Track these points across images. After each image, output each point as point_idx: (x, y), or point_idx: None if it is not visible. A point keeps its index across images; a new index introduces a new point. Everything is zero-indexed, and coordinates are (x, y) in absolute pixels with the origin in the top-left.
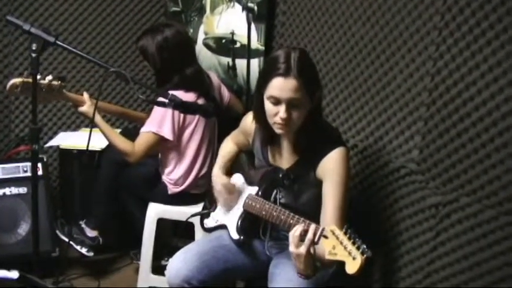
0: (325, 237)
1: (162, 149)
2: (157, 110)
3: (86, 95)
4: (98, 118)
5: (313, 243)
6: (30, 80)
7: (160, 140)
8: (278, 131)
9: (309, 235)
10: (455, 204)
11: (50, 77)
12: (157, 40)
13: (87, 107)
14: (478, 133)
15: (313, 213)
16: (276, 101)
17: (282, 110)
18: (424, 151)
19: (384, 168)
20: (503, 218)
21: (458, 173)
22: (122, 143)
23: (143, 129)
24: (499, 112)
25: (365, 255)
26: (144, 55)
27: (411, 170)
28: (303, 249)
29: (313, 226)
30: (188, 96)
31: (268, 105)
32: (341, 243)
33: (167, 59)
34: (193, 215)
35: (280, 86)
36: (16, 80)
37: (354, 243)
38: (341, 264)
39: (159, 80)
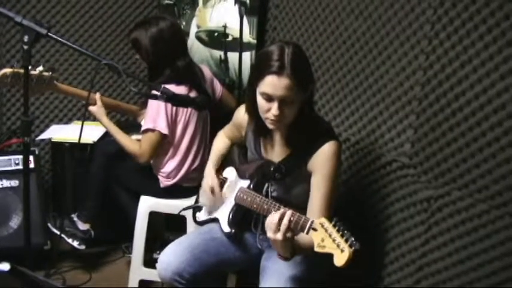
0: (314, 229)
1: None
2: (151, 107)
3: (98, 95)
4: (106, 120)
5: (289, 229)
6: (20, 70)
7: (161, 135)
8: (270, 126)
9: (284, 221)
10: (447, 198)
11: (40, 68)
12: (151, 32)
13: (97, 108)
14: (470, 127)
15: (304, 207)
16: (269, 98)
17: (274, 107)
18: (416, 145)
19: (376, 162)
20: (494, 211)
21: (450, 167)
22: (131, 146)
23: (142, 129)
24: (491, 106)
25: (353, 248)
26: (136, 48)
27: (403, 163)
28: (279, 235)
29: (289, 212)
30: (180, 89)
31: (260, 101)
32: (330, 235)
33: (160, 51)
34: (185, 208)
35: (273, 84)
36: (6, 70)
37: (342, 236)
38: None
39: (151, 73)
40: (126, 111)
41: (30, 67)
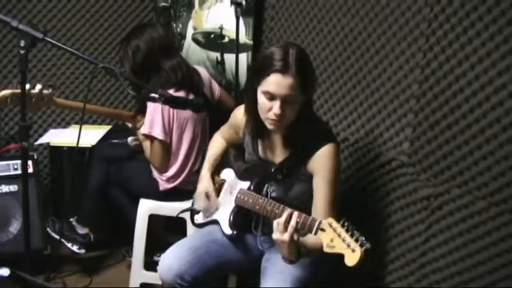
0: (323, 230)
1: None
2: (148, 112)
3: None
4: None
5: (296, 230)
6: (19, 90)
7: (159, 141)
8: (270, 126)
9: (292, 222)
10: (447, 196)
11: (39, 86)
12: (131, 47)
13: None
14: (469, 124)
15: (303, 207)
16: (271, 97)
17: (276, 106)
18: (414, 143)
19: (375, 161)
20: (494, 209)
21: (449, 164)
22: (149, 157)
23: (141, 133)
24: (489, 103)
25: (364, 247)
26: (122, 64)
27: (402, 162)
28: (286, 236)
29: (296, 213)
30: (179, 95)
31: (262, 100)
32: (339, 235)
33: (142, 65)
34: (184, 210)
35: (278, 83)
36: (6, 92)
37: (352, 236)
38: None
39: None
40: (126, 118)
41: (28, 86)
